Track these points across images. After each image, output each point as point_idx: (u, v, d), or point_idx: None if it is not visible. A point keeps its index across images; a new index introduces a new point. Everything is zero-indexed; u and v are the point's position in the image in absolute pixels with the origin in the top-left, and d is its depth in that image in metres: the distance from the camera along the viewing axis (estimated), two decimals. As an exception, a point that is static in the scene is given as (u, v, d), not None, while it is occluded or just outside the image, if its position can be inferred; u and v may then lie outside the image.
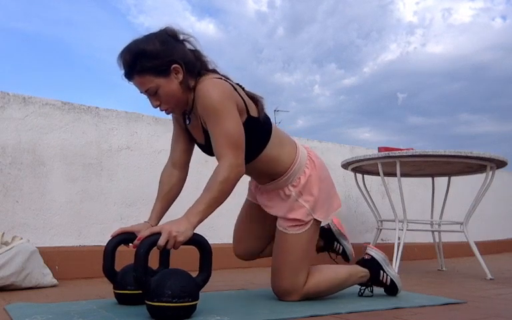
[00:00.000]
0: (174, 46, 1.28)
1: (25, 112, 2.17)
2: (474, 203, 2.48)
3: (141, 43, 1.25)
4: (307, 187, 1.44)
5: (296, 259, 1.44)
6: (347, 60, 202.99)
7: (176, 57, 1.26)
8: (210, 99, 1.22)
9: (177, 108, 1.33)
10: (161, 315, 1.10)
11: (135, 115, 2.53)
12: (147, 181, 2.50)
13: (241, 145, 1.24)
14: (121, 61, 1.26)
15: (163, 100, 1.28)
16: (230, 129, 1.22)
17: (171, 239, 1.12)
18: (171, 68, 1.25)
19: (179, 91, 1.28)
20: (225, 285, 1.89)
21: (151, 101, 1.30)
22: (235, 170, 1.21)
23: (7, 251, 1.70)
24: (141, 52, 1.23)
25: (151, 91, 1.26)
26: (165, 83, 1.25)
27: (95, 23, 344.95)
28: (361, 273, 1.58)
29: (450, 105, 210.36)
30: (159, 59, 1.23)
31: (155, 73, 1.24)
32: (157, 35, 1.28)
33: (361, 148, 3.64)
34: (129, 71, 1.26)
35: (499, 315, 1.31)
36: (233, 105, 1.25)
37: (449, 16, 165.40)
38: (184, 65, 1.27)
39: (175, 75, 1.26)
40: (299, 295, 1.45)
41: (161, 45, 1.25)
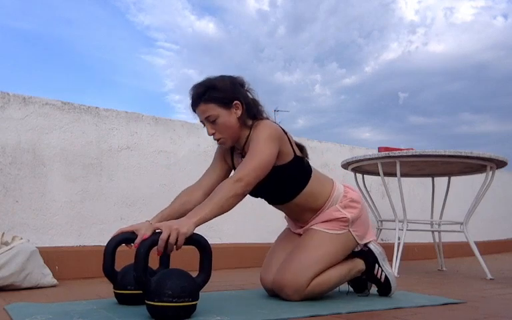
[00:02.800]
0: (239, 89, 1.47)
1: (25, 112, 2.17)
2: (474, 203, 2.48)
3: (213, 79, 1.44)
4: (349, 205, 1.54)
5: (314, 256, 1.44)
6: (348, 59, 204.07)
7: (239, 96, 1.44)
8: (260, 131, 1.40)
9: (229, 139, 1.46)
10: (161, 315, 1.10)
11: (135, 115, 2.53)
12: (147, 181, 2.50)
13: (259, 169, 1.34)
14: (192, 91, 1.43)
15: (219, 129, 1.42)
16: (259, 154, 1.35)
17: (173, 232, 1.13)
18: (233, 103, 1.42)
19: (235, 125, 1.43)
20: (225, 285, 1.89)
21: (208, 128, 1.44)
22: (240, 184, 1.30)
23: (7, 251, 1.70)
24: (212, 85, 1.42)
25: (211, 119, 1.41)
26: (225, 114, 1.41)
27: (94, 22, 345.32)
28: (359, 264, 1.59)
29: (451, 104, 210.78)
30: (225, 93, 1.41)
31: (218, 104, 1.41)
32: (228, 76, 1.48)
33: (361, 148, 3.64)
34: (196, 99, 1.42)
35: (498, 315, 1.31)
36: (275, 143, 1.39)
37: (451, 15, 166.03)
38: (244, 104, 1.44)
39: (235, 110, 1.43)
40: (298, 294, 1.43)
41: (230, 84, 1.44)
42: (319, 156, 3.36)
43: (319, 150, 3.38)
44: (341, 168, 2.83)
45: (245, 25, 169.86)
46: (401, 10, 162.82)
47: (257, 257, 2.53)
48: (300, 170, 1.50)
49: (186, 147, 2.69)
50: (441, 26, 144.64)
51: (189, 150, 2.69)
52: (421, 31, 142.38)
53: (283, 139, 1.44)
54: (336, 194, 1.54)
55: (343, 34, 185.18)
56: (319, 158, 3.35)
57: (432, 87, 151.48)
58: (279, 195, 1.53)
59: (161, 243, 1.12)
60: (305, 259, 1.44)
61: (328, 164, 3.37)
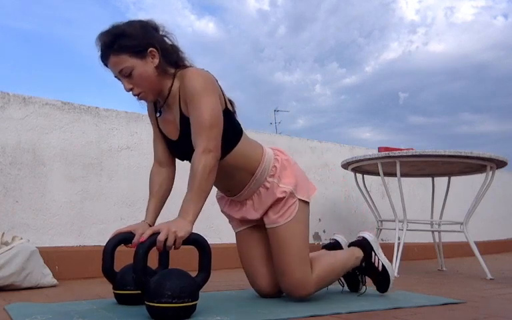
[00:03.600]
0: (153, 33, 1.31)
1: (25, 112, 2.17)
2: (474, 203, 2.48)
3: (121, 25, 1.28)
4: (283, 172, 1.45)
5: (297, 249, 1.42)
6: (349, 59, 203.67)
7: (154, 42, 1.29)
8: (193, 83, 1.25)
9: (150, 92, 1.32)
10: (161, 316, 1.10)
11: (135, 115, 2.53)
12: (147, 181, 2.50)
13: (215, 127, 1.24)
14: (99, 42, 1.28)
15: (136, 82, 1.28)
16: (207, 112, 1.24)
17: (171, 235, 1.12)
18: (148, 51, 1.27)
19: (153, 75, 1.29)
20: (225, 285, 1.89)
21: (124, 83, 1.30)
22: (209, 155, 1.21)
23: (7, 251, 1.70)
24: (119, 33, 1.26)
25: (125, 72, 1.27)
26: (140, 65, 1.27)
27: (94, 22, 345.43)
28: (356, 253, 1.58)
29: (451, 104, 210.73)
30: (136, 39, 1.26)
31: (131, 53, 1.25)
32: (138, 20, 1.32)
33: (361, 148, 3.64)
34: (105, 51, 1.27)
35: (498, 315, 1.31)
36: (215, 93, 1.28)
37: (451, 14, 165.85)
38: (161, 51, 1.29)
39: (151, 58, 1.28)
40: (311, 285, 1.41)
41: (141, 29, 1.28)
42: (319, 156, 3.36)
43: (319, 150, 3.38)
44: (341, 168, 2.83)
45: (245, 25, 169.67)
46: (402, 9, 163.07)
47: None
48: (231, 126, 1.37)
49: (186, 146, 2.69)
50: (441, 26, 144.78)
51: (189, 150, 2.69)
52: (421, 30, 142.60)
53: (216, 86, 1.31)
54: (267, 157, 1.44)
55: (343, 34, 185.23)
56: (319, 158, 3.35)
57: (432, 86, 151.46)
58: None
59: (159, 245, 1.12)
60: (293, 255, 1.41)
61: (328, 164, 3.36)
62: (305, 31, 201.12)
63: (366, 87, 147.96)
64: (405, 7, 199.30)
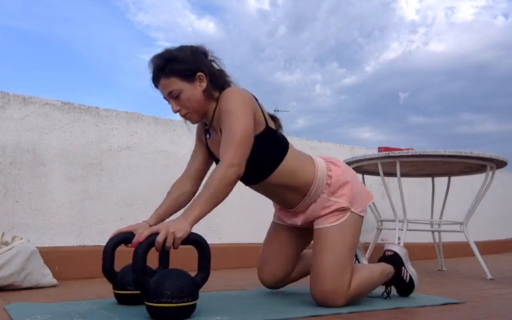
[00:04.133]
0: (202, 59, 1.37)
1: (25, 112, 2.17)
2: (474, 203, 2.48)
3: (173, 50, 1.35)
4: (338, 188, 1.44)
5: (339, 256, 1.37)
6: (349, 59, 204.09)
7: (202, 67, 1.34)
8: (229, 101, 1.30)
9: (196, 114, 1.37)
10: (160, 316, 1.10)
11: (135, 115, 2.53)
12: (147, 181, 2.50)
13: (243, 145, 1.26)
14: (151, 65, 1.34)
15: (184, 104, 1.34)
16: (238, 129, 1.25)
17: (170, 236, 1.12)
18: (196, 75, 1.33)
19: (200, 98, 1.34)
20: (225, 285, 1.89)
21: (172, 104, 1.35)
22: (231, 169, 1.22)
23: (7, 251, 1.70)
24: (171, 57, 1.32)
25: (174, 94, 1.33)
26: (189, 88, 1.32)
27: (93, 21, 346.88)
28: (388, 269, 1.55)
29: (451, 104, 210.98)
30: (186, 64, 1.32)
31: (180, 77, 1.31)
32: (189, 46, 1.38)
33: (361, 148, 3.64)
34: (157, 74, 1.33)
35: (498, 315, 1.31)
36: (250, 112, 1.30)
37: (452, 14, 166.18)
38: (208, 76, 1.35)
39: (199, 82, 1.34)
40: (344, 297, 1.35)
41: (191, 54, 1.34)
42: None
43: (319, 150, 3.38)
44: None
45: (245, 25, 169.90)
46: (402, 9, 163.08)
47: (257, 257, 2.53)
48: (274, 142, 1.38)
49: (186, 147, 2.69)
50: (441, 25, 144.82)
51: (189, 150, 2.66)
52: (421, 30, 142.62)
53: (255, 105, 1.34)
54: (320, 175, 1.43)
55: (343, 33, 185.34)
56: (319, 158, 3.35)
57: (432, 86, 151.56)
58: (253, 172, 1.37)
59: (158, 246, 1.12)
60: (333, 261, 1.37)
61: (328, 164, 3.36)
62: (305, 30, 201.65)
63: (366, 86, 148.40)
64: (405, 7, 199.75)
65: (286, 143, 1.43)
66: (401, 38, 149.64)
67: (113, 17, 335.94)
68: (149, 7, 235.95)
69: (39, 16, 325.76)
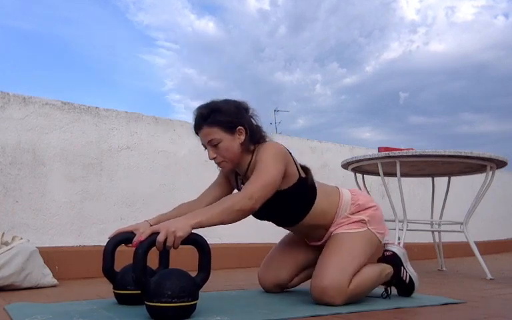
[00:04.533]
0: (244, 114, 1.46)
1: (25, 112, 2.17)
2: (474, 203, 2.48)
3: (219, 102, 1.43)
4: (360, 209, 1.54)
5: (343, 256, 1.42)
6: (349, 59, 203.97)
7: (243, 122, 1.43)
8: (264, 152, 1.39)
9: (230, 163, 1.44)
10: (160, 316, 1.10)
11: (135, 115, 2.53)
12: (147, 181, 2.50)
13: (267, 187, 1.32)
14: (196, 113, 1.42)
15: (221, 153, 1.41)
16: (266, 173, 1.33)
17: (170, 235, 1.12)
18: (237, 128, 1.41)
19: (237, 150, 1.42)
20: (225, 285, 1.89)
21: (210, 151, 1.42)
22: (249, 201, 1.28)
23: (7, 251, 1.70)
24: (217, 108, 1.40)
25: (214, 142, 1.40)
26: (228, 139, 1.40)
27: (93, 21, 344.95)
28: (387, 269, 1.58)
29: (451, 104, 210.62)
30: (229, 117, 1.40)
31: (222, 128, 1.39)
32: (233, 101, 1.47)
33: (361, 148, 3.64)
34: (200, 121, 1.40)
35: (498, 315, 1.31)
36: (281, 164, 1.38)
37: (452, 14, 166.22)
38: (248, 130, 1.43)
39: (239, 135, 1.42)
40: (342, 296, 1.37)
41: (234, 109, 1.43)
42: (319, 156, 3.36)
43: (319, 150, 3.38)
44: (341, 168, 2.83)
45: (245, 25, 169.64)
46: (402, 9, 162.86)
47: (257, 256, 2.53)
48: (306, 191, 1.48)
49: (186, 147, 2.69)
50: (442, 25, 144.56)
51: (189, 150, 2.69)
52: (421, 30, 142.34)
53: (288, 158, 1.43)
54: (344, 204, 1.53)
55: (343, 33, 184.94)
56: (319, 158, 3.35)
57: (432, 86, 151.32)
58: (287, 218, 1.53)
59: (158, 245, 1.12)
60: (339, 261, 1.41)
61: (328, 164, 3.36)
62: (306, 30, 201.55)
63: (366, 86, 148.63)
64: (406, 7, 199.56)
65: (315, 188, 1.51)
66: (401, 38, 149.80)
67: (113, 16, 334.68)
68: (148, 6, 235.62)
69: (39, 16, 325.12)
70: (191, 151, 2.70)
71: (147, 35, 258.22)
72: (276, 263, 1.70)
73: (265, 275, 1.69)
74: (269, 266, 1.70)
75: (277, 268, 1.68)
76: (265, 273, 1.69)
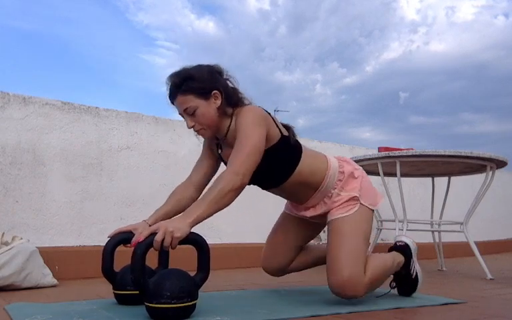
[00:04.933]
0: (218, 77, 1.43)
1: (25, 112, 2.17)
2: (474, 203, 2.48)
3: (190, 69, 1.41)
4: (348, 183, 1.51)
5: (352, 244, 1.41)
6: (349, 59, 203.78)
7: (218, 85, 1.40)
8: (243, 117, 1.36)
9: (209, 129, 1.42)
10: (160, 316, 1.10)
11: (135, 115, 2.53)
12: (147, 181, 2.50)
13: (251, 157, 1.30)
14: (169, 82, 1.40)
15: (199, 120, 1.39)
16: (248, 142, 1.31)
17: (168, 235, 1.12)
18: (212, 93, 1.38)
19: (215, 115, 1.39)
20: (225, 285, 1.89)
21: (187, 120, 1.40)
22: (237, 177, 1.26)
23: (7, 251, 1.70)
24: (188, 75, 1.38)
25: (190, 110, 1.38)
26: (204, 105, 1.38)
27: (93, 21, 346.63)
28: (399, 258, 1.58)
29: (451, 104, 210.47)
30: (203, 83, 1.38)
31: (196, 94, 1.37)
32: (205, 65, 1.44)
33: (361, 148, 3.64)
34: (174, 90, 1.39)
35: (498, 315, 1.31)
36: (262, 128, 1.35)
37: (452, 14, 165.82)
38: (223, 94, 1.40)
39: (214, 100, 1.39)
40: (362, 286, 1.38)
41: (207, 74, 1.40)
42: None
43: (319, 150, 3.35)
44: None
45: (245, 24, 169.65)
46: (402, 9, 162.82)
47: (257, 256, 2.53)
48: (289, 149, 1.46)
49: (186, 147, 2.69)
50: (442, 25, 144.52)
51: (189, 150, 2.69)
52: (422, 30, 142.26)
53: (269, 120, 1.40)
54: (332, 171, 1.50)
55: (343, 33, 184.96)
56: (319, 158, 3.35)
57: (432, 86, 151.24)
58: (272, 179, 1.49)
59: (156, 245, 1.12)
60: (349, 251, 1.40)
61: (328, 164, 3.36)
62: (306, 30, 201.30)
63: (366, 86, 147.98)
64: (406, 7, 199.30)
65: (300, 146, 1.50)
66: (401, 38, 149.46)
67: (113, 16, 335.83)
68: (148, 6, 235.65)
69: (39, 16, 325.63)
70: (191, 151, 2.70)
71: (146, 35, 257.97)
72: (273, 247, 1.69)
73: (267, 262, 1.70)
74: (269, 252, 1.71)
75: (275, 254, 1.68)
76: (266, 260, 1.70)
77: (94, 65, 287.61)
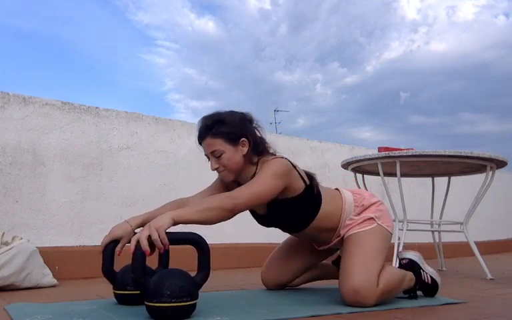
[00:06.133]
0: (248, 126, 1.46)
1: (25, 112, 2.17)
2: (474, 203, 2.48)
3: (223, 113, 1.43)
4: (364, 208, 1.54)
5: (366, 255, 1.42)
6: (350, 58, 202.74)
7: (247, 133, 1.43)
8: (269, 167, 1.38)
9: (232, 174, 1.44)
10: (160, 316, 1.10)
11: (135, 115, 2.53)
12: (147, 181, 2.50)
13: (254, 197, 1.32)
14: (200, 123, 1.42)
15: (223, 164, 1.41)
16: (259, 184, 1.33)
17: (153, 230, 1.11)
18: (240, 140, 1.41)
19: (240, 161, 1.42)
20: (225, 285, 1.89)
21: (212, 162, 1.42)
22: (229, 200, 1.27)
23: (7, 251, 1.70)
24: (220, 119, 1.40)
25: (216, 153, 1.40)
26: (231, 150, 1.40)
27: (93, 21, 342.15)
28: (409, 275, 1.57)
29: (452, 103, 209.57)
30: (233, 128, 1.40)
31: (226, 139, 1.39)
32: (239, 113, 1.47)
33: (361, 148, 3.64)
34: (204, 132, 1.41)
35: (499, 315, 1.31)
36: (281, 182, 1.37)
37: (453, 13, 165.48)
38: (251, 142, 1.43)
39: (242, 147, 1.42)
40: (374, 295, 1.36)
41: (239, 120, 1.43)
42: (319, 156, 3.36)
43: (319, 150, 3.37)
44: (341, 168, 2.83)
45: (245, 24, 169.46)
46: (403, 9, 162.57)
47: (257, 256, 2.53)
48: (311, 199, 1.49)
49: (186, 147, 2.69)
50: (442, 25, 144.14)
51: (189, 150, 2.69)
52: (422, 29, 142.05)
53: (292, 174, 1.42)
54: (347, 206, 1.53)
55: (344, 33, 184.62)
56: (319, 158, 3.35)
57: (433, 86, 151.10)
58: (294, 226, 1.54)
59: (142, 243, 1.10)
60: (363, 261, 1.40)
61: (328, 164, 3.36)
62: (306, 30, 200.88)
63: (367, 86, 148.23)
64: (407, 6, 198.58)
65: (320, 195, 1.51)
66: (402, 37, 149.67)
67: (113, 16, 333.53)
68: (148, 5, 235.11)
69: (39, 15, 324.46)
70: (191, 151, 2.70)
71: (146, 35, 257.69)
72: (278, 266, 1.72)
73: (267, 276, 1.73)
74: (272, 268, 1.73)
75: (279, 271, 1.71)
76: (267, 274, 1.73)
77: (94, 65, 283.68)
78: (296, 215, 1.48)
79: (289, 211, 1.45)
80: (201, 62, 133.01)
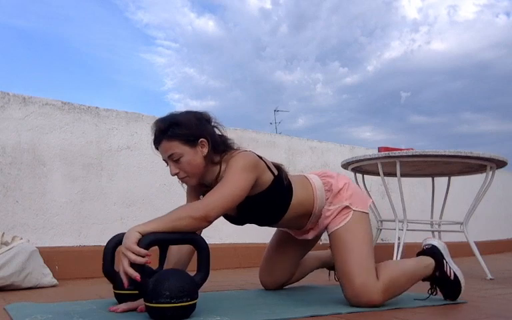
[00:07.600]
0: (205, 125, 1.39)
1: (25, 112, 2.17)
2: (474, 203, 2.48)
3: (177, 115, 1.37)
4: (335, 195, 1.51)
5: (357, 251, 1.40)
6: (351, 58, 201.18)
7: (205, 133, 1.36)
8: (235, 163, 1.32)
9: (194, 178, 1.38)
10: (160, 316, 1.10)
11: (135, 115, 2.53)
12: (147, 181, 2.50)
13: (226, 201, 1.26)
14: (154, 127, 1.35)
15: (183, 168, 1.34)
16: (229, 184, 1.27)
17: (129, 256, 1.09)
18: (199, 141, 1.34)
19: (201, 163, 1.35)
20: (225, 285, 1.89)
21: (171, 167, 1.35)
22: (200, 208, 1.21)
23: (7, 251, 1.70)
24: (175, 121, 1.33)
25: (174, 157, 1.33)
26: (190, 153, 1.33)
27: (92, 20, 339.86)
28: (426, 261, 1.52)
29: (452, 103, 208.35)
30: (189, 129, 1.33)
31: (183, 141, 1.32)
32: (193, 112, 1.40)
33: (361, 148, 3.64)
34: (159, 136, 1.34)
35: (499, 315, 1.31)
36: (251, 175, 1.32)
37: (454, 13, 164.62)
38: (210, 142, 1.36)
39: (201, 148, 1.35)
40: (376, 293, 1.35)
41: (195, 120, 1.36)
42: (319, 156, 3.36)
43: (319, 150, 3.37)
44: (341, 168, 2.83)
45: (246, 23, 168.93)
46: (404, 8, 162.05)
47: (257, 256, 2.53)
48: (282, 189, 1.45)
49: (186, 146, 2.69)
50: (443, 24, 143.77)
51: (189, 150, 2.69)
52: (423, 29, 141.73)
53: (260, 166, 1.37)
54: (318, 191, 1.50)
55: (345, 32, 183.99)
56: (319, 158, 3.35)
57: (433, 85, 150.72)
58: (268, 219, 1.52)
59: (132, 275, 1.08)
60: (353, 260, 1.39)
61: (328, 164, 3.36)
62: (307, 29, 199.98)
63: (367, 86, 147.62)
64: (408, 6, 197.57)
65: (291, 185, 1.47)
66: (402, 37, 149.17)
67: (112, 15, 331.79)
68: (148, 5, 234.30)
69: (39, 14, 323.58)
70: (191, 151, 2.70)
71: (146, 34, 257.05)
72: (273, 266, 1.73)
73: (264, 279, 1.76)
74: (266, 270, 1.75)
75: (274, 270, 1.73)
76: (264, 278, 1.76)
77: (94, 65, 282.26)
78: (268, 209, 1.44)
79: (260, 207, 1.40)
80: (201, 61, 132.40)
